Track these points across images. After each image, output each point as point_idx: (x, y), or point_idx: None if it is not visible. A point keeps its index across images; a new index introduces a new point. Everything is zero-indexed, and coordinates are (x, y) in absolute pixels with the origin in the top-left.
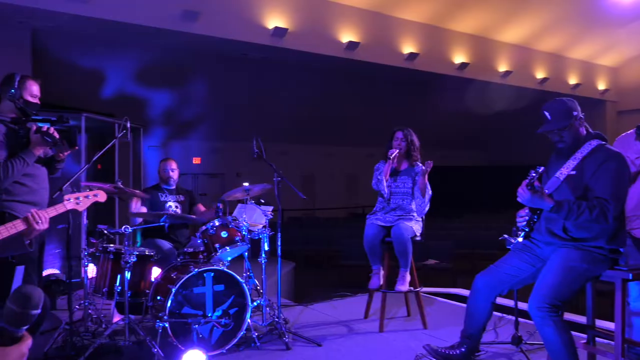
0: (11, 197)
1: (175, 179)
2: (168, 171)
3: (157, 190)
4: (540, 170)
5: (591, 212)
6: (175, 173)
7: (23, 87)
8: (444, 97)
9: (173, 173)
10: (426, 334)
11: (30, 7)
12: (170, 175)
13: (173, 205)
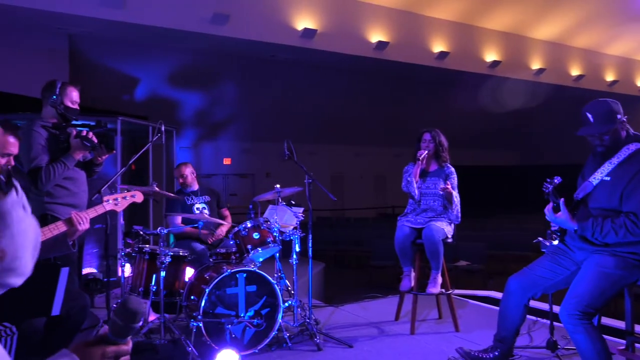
0: (53, 200)
1: (190, 181)
2: (185, 176)
3: (182, 194)
4: (556, 182)
5: (617, 233)
6: (188, 178)
7: (64, 93)
8: (475, 96)
9: (190, 176)
10: (458, 336)
11: (68, 14)
12: (187, 179)
13: (200, 207)
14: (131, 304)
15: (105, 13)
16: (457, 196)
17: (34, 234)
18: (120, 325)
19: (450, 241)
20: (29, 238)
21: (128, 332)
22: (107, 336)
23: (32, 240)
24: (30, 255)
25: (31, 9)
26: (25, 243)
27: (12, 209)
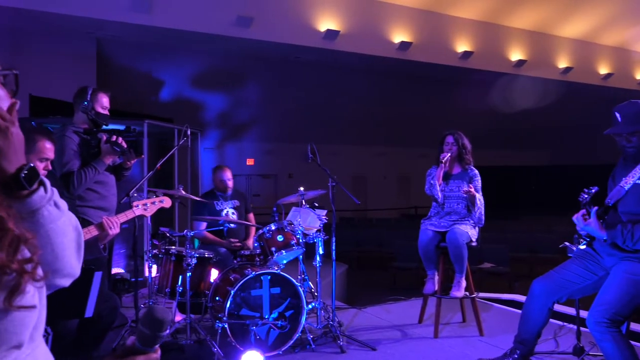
0: (84, 203)
1: (231, 187)
2: (225, 181)
3: (212, 197)
4: (593, 192)
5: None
6: (231, 182)
7: (95, 99)
8: (500, 96)
9: (230, 182)
10: (482, 341)
11: (96, 19)
12: (228, 185)
13: (230, 212)
14: (157, 313)
15: (133, 17)
16: (481, 199)
17: (75, 233)
18: (148, 335)
19: (475, 244)
20: (69, 237)
21: (155, 341)
22: (135, 346)
23: (74, 240)
24: (75, 255)
25: (62, 15)
26: (64, 242)
27: (42, 206)
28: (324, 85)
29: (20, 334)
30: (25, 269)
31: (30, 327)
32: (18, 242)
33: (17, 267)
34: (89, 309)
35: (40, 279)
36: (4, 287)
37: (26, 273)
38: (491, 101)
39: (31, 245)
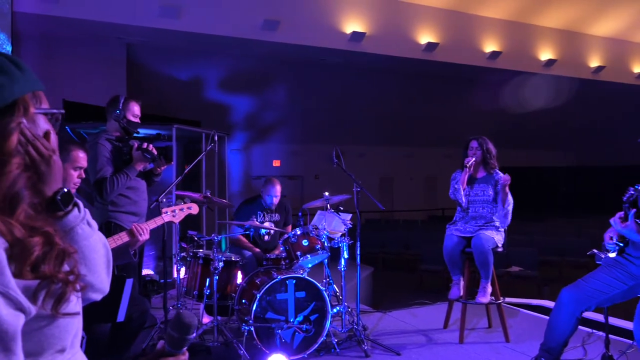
0: (116, 208)
1: (276, 204)
2: (272, 197)
3: (255, 206)
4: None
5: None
6: (277, 199)
7: (126, 108)
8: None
9: (276, 199)
10: (508, 347)
11: (126, 25)
12: (274, 201)
13: (267, 224)
14: (185, 318)
15: (163, 23)
16: (510, 202)
17: (104, 250)
18: (176, 338)
19: (501, 250)
20: (100, 253)
21: (183, 344)
22: (164, 349)
23: (104, 256)
24: (105, 271)
25: (93, 21)
26: (96, 257)
27: (76, 225)
28: (350, 86)
29: (64, 340)
30: (69, 279)
31: (73, 333)
32: (63, 255)
33: (63, 277)
34: (121, 314)
35: (80, 289)
36: (52, 296)
37: (70, 283)
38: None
39: (72, 259)
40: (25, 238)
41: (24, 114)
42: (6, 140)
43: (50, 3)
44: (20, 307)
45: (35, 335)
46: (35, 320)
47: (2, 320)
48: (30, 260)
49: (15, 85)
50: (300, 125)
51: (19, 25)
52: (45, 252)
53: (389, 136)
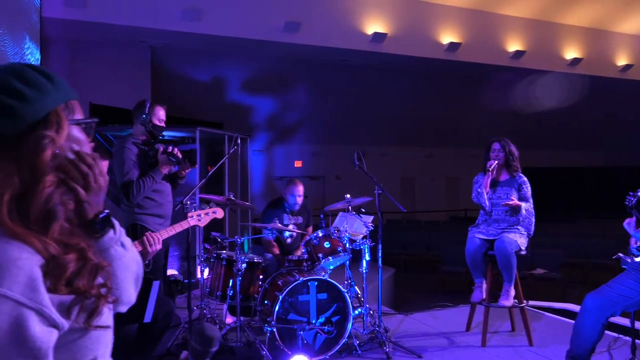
0: (142, 211)
1: (299, 204)
2: (295, 197)
3: (279, 209)
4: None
5: None
6: (301, 199)
7: (152, 112)
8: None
9: (299, 199)
10: (532, 351)
11: (150, 28)
12: (297, 201)
13: (291, 227)
14: (208, 331)
15: (185, 26)
16: (530, 207)
17: (136, 267)
18: (199, 351)
19: (524, 253)
20: (131, 271)
21: (206, 356)
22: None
23: (134, 273)
24: (133, 286)
25: (117, 25)
26: (127, 275)
27: (110, 246)
28: (371, 87)
29: (95, 350)
30: (102, 293)
31: (104, 343)
32: (96, 270)
33: (96, 292)
34: (148, 315)
35: (112, 302)
36: (85, 310)
37: (103, 297)
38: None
39: (105, 273)
40: (60, 255)
41: (57, 128)
42: (39, 156)
43: (77, 8)
44: (54, 323)
45: (68, 347)
46: (69, 333)
47: (36, 337)
48: (65, 276)
49: (46, 98)
50: (321, 126)
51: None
52: (79, 267)
53: (410, 136)
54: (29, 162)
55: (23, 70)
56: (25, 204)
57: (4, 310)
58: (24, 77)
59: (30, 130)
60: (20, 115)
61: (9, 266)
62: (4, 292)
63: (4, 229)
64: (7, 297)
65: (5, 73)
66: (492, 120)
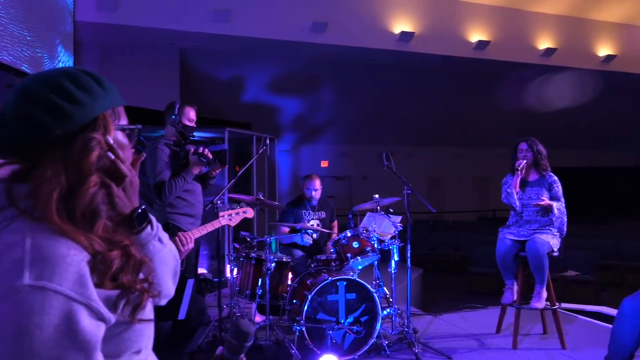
0: (174, 210)
1: (317, 198)
2: (311, 191)
3: (300, 207)
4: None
5: None
6: (317, 193)
7: (182, 113)
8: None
9: (315, 193)
10: (565, 355)
11: (179, 30)
12: (313, 195)
13: (315, 224)
14: (243, 327)
15: (214, 28)
16: (561, 206)
17: (174, 261)
18: (235, 345)
19: (556, 254)
20: (169, 265)
21: (241, 351)
22: (224, 355)
23: (172, 268)
24: (171, 280)
25: (148, 28)
26: (165, 269)
27: (148, 242)
28: (398, 86)
29: (139, 342)
30: (145, 287)
31: (147, 335)
32: (140, 266)
33: (140, 287)
34: (182, 312)
35: (154, 296)
36: (130, 304)
37: (146, 292)
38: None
39: (147, 268)
40: (105, 251)
41: (104, 132)
42: (87, 157)
43: (109, 12)
44: (101, 317)
45: (114, 340)
46: (115, 326)
47: (86, 331)
48: (110, 272)
49: (96, 103)
50: (348, 126)
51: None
52: (124, 263)
53: (438, 136)
54: (76, 163)
55: (77, 74)
56: (72, 203)
57: (55, 305)
58: (77, 80)
59: (79, 132)
60: (71, 117)
61: (58, 262)
62: (55, 287)
63: (52, 227)
64: (58, 292)
65: (60, 76)
66: (521, 120)
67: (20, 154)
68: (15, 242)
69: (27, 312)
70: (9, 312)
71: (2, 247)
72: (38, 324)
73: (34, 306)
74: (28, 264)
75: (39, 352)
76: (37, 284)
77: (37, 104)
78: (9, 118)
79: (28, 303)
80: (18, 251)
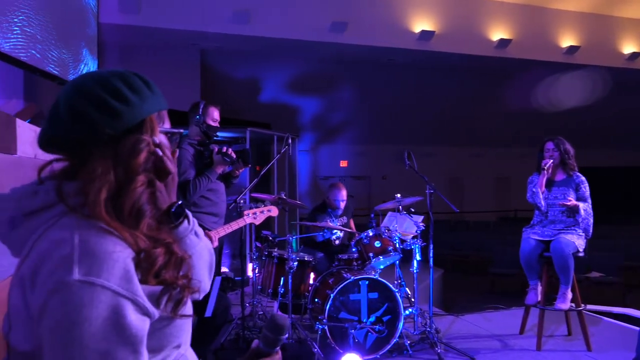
0: (198, 209)
1: (342, 208)
2: (339, 202)
3: (324, 213)
4: None
5: None
6: (344, 203)
7: (206, 113)
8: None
9: (342, 204)
10: (590, 357)
11: (200, 31)
12: (340, 206)
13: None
14: (279, 320)
15: (234, 29)
16: (588, 207)
17: (208, 256)
18: (271, 338)
19: (582, 255)
20: (204, 259)
21: (277, 344)
22: (260, 349)
23: (207, 262)
24: (207, 274)
25: (169, 29)
26: (201, 264)
27: (185, 236)
28: (417, 86)
29: (179, 337)
30: (186, 283)
31: (186, 331)
32: (181, 263)
33: (182, 283)
34: (209, 309)
35: (195, 292)
36: (172, 300)
37: (187, 288)
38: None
39: (187, 264)
40: (149, 249)
41: (151, 133)
42: (136, 157)
43: (132, 14)
44: (147, 312)
45: (156, 334)
46: (158, 322)
47: (132, 325)
48: (154, 269)
49: (144, 105)
50: (367, 126)
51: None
52: (166, 260)
53: (458, 136)
54: (125, 162)
55: (128, 75)
56: (119, 201)
57: (103, 299)
58: (130, 83)
59: (128, 133)
60: (122, 116)
61: (105, 259)
62: (102, 282)
63: (100, 224)
64: (106, 287)
65: (115, 77)
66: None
67: (71, 151)
68: (64, 239)
69: (77, 306)
70: (59, 306)
71: (51, 244)
72: (87, 316)
73: (83, 300)
74: (77, 260)
75: (87, 344)
76: (86, 279)
77: (91, 101)
78: (62, 115)
79: (78, 297)
80: (67, 247)
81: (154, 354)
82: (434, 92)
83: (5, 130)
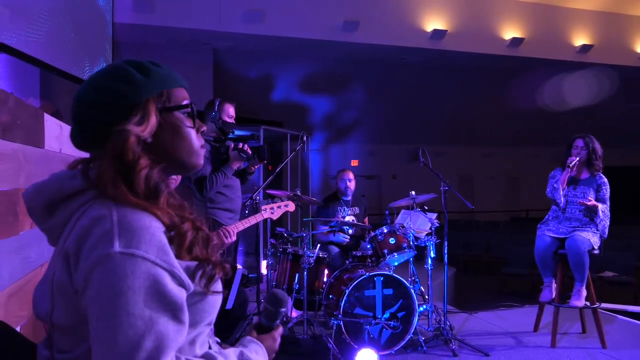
0: (214, 205)
1: (352, 189)
2: (345, 181)
3: (335, 202)
4: None
5: None
6: (352, 183)
7: (222, 109)
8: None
9: (350, 183)
10: (605, 354)
11: (213, 31)
12: (348, 185)
13: (350, 219)
14: (279, 294)
15: (247, 28)
16: (606, 209)
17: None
18: (272, 311)
19: (597, 252)
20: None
21: (278, 316)
22: (261, 322)
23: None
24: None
25: (182, 29)
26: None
27: None
28: (428, 85)
29: (211, 314)
30: (217, 261)
31: (216, 310)
32: (208, 240)
33: (216, 260)
34: (230, 302)
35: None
36: (205, 276)
37: (219, 264)
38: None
39: (215, 244)
40: (179, 224)
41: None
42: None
43: (146, 13)
44: (183, 283)
45: (190, 310)
46: (191, 296)
47: (172, 293)
48: (185, 243)
49: (137, 91)
50: (377, 125)
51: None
52: (195, 236)
53: (468, 135)
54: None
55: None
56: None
57: (144, 269)
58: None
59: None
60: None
61: (143, 233)
62: (142, 254)
63: (130, 203)
64: (145, 259)
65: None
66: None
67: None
68: (103, 216)
69: (120, 276)
70: (103, 277)
71: (91, 221)
72: (131, 285)
73: (126, 270)
74: (117, 234)
75: (132, 312)
76: (127, 251)
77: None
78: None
79: (121, 268)
80: (107, 223)
81: (190, 329)
82: (445, 92)
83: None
